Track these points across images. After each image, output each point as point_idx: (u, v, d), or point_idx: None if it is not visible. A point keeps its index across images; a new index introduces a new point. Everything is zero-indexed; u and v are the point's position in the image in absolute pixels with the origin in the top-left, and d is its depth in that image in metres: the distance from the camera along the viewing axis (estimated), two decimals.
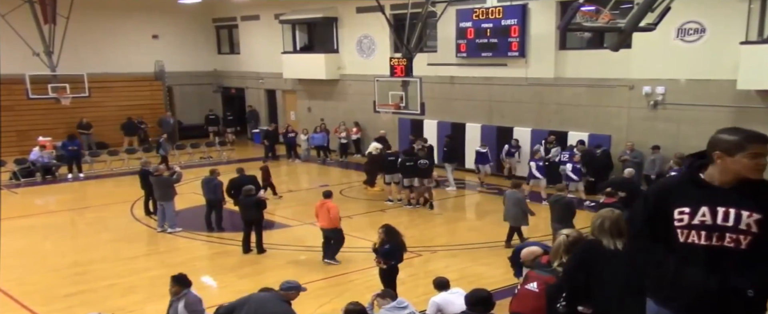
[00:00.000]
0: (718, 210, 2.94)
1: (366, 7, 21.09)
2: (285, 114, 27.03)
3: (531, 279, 4.92)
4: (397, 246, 9.55)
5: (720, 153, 2.94)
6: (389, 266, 9.43)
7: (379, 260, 9.51)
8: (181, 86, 28.46)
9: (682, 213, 3.01)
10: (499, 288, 9.36)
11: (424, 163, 15.80)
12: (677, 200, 3.03)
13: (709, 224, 2.95)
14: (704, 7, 14.76)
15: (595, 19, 11.26)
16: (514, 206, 12.32)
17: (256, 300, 7.15)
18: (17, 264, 11.88)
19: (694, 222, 2.98)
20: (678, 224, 3.02)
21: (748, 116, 14.55)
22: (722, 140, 2.96)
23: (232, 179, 14.09)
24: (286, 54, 25.01)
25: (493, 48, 18.58)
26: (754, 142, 2.90)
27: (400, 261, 9.61)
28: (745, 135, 2.93)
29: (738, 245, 2.93)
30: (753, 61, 13.81)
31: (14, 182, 19.74)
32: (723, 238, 2.94)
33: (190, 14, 27.48)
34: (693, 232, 2.99)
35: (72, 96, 21.79)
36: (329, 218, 11.46)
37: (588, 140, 16.93)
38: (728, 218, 2.92)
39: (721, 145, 2.95)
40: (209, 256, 12.83)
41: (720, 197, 2.95)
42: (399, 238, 9.60)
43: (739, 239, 2.92)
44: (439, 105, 20.15)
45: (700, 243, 2.97)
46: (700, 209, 2.97)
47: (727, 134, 2.97)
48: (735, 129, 2.99)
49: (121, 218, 15.41)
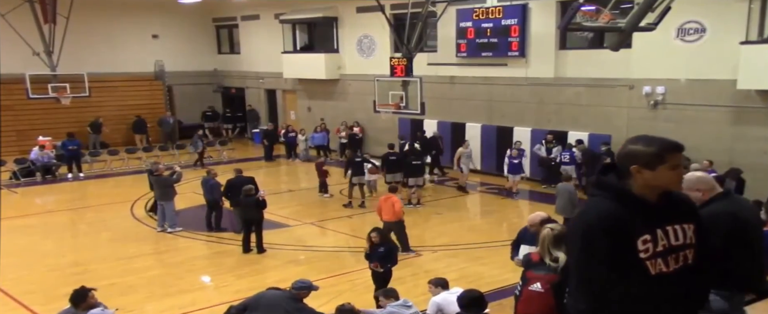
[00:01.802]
0: (668, 229, 2.68)
1: (366, 7, 21.08)
2: (285, 114, 27.03)
3: (532, 280, 4.88)
4: (392, 248, 9.49)
5: (638, 167, 2.64)
6: (386, 269, 9.36)
7: (376, 264, 9.40)
8: (181, 86, 28.45)
9: (646, 242, 2.63)
10: (498, 288, 9.38)
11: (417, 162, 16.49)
12: (635, 229, 2.63)
13: (669, 247, 2.67)
14: (704, 7, 14.75)
15: (595, 19, 11.25)
16: (562, 197, 12.57)
17: (268, 299, 7.16)
18: (17, 264, 11.88)
19: (658, 249, 2.65)
20: (644, 256, 2.62)
21: (748, 116, 14.58)
22: (640, 152, 2.65)
23: (230, 180, 13.90)
24: (286, 54, 25.02)
25: (493, 48, 18.58)
26: (672, 152, 2.66)
27: (396, 263, 9.56)
28: (662, 146, 2.65)
29: (686, 262, 2.74)
30: (753, 61, 13.81)
31: (14, 181, 19.74)
32: (687, 258, 2.73)
33: (190, 14, 27.47)
34: (659, 260, 2.65)
35: (72, 96, 21.81)
36: (394, 211, 11.80)
37: (588, 139, 16.94)
38: (678, 235, 2.71)
39: (639, 159, 2.64)
40: (209, 256, 12.84)
41: (663, 216, 2.70)
42: (392, 240, 9.55)
43: (687, 255, 2.74)
44: (439, 105, 20.15)
45: (668, 270, 2.67)
46: (656, 233, 2.65)
47: (642, 145, 2.67)
48: (648, 139, 2.70)
49: (121, 218, 15.41)
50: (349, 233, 13.96)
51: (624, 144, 2.76)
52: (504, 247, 11.98)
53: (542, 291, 4.68)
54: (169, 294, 10.48)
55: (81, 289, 7.10)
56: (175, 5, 25.58)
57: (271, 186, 18.94)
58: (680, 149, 2.70)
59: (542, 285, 4.68)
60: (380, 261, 9.35)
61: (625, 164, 2.68)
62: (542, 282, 4.71)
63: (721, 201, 3.87)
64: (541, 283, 4.72)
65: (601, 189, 2.74)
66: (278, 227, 14.26)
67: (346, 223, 14.80)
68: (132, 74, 26.33)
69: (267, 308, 7.02)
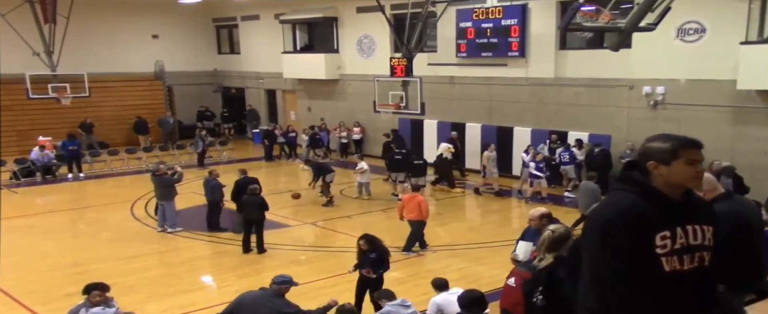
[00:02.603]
0: (688, 228, 2.69)
1: (366, 7, 21.09)
2: (285, 114, 27.04)
3: (511, 275, 5.02)
4: (383, 254, 9.25)
5: (654, 163, 2.68)
6: (378, 275, 9.14)
7: (368, 269, 9.17)
8: (181, 86, 28.45)
9: (664, 238, 2.62)
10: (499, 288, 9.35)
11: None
12: (656, 225, 2.62)
13: (687, 245, 2.67)
14: (704, 7, 14.76)
15: (595, 19, 11.27)
16: (586, 196, 12.55)
17: (251, 299, 7.12)
18: (17, 264, 11.89)
19: (676, 247, 2.65)
20: (661, 251, 2.62)
21: (748, 116, 14.58)
22: (654, 148, 2.71)
23: (238, 181, 13.72)
24: (286, 54, 25.02)
25: (493, 48, 18.58)
26: (687, 147, 2.67)
27: (388, 268, 9.34)
28: (678, 141, 2.69)
29: (702, 263, 2.74)
30: (753, 62, 13.81)
31: (14, 181, 19.74)
32: (703, 260, 2.73)
33: (190, 14, 27.48)
34: (675, 258, 2.65)
35: (72, 96, 21.82)
36: (420, 211, 12.05)
37: (588, 139, 16.95)
38: (697, 235, 2.70)
39: (653, 154, 2.69)
40: (209, 256, 12.84)
41: (684, 214, 2.70)
42: (382, 245, 9.29)
43: (703, 257, 2.73)
44: (439, 105, 20.16)
45: (683, 269, 2.66)
46: (676, 230, 2.65)
47: (658, 141, 2.72)
48: (665, 136, 2.74)
49: (121, 218, 15.41)
50: (349, 234, 13.95)
51: (645, 141, 2.80)
52: (504, 247, 12.00)
53: (514, 286, 4.77)
54: (170, 294, 10.48)
55: (98, 284, 7.14)
56: (175, 5, 25.59)
57: (270, 186, 18.98)
58: (697, 145, 2.71)
59: (516, 280, 4.77)
60: (372, 266, 9.14)
61: (643, 160, 2.72)
62: (517, 277, 4.79)
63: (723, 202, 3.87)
64: (515, 278, 4.81)
65: (625, 183, 2.76)
66: (278, 227, 14.27)
67: (347, 223, 14.80)
68: (132, 74, 26.34)
69: (250, 308, 6.95)
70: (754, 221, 3.93)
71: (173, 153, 23.07)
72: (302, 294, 9.00)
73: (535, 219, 6.81)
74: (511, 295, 4.81)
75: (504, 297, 5.06)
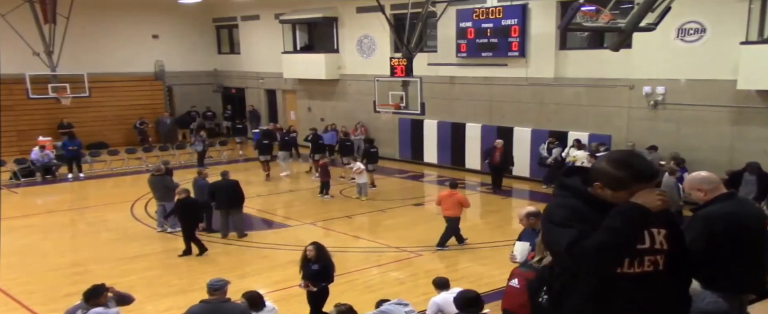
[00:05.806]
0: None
1: (366, 7, 21.09)
2: (285, 114, 27.04)
3: (513, 276, 5.01)
4: (327, 266, 8.72)
5: (600, 185, 2.61)
6: (319, 288, 8.62)
7: (307, 283, 8.55)
8: (181, 86, 28.46)
9: None
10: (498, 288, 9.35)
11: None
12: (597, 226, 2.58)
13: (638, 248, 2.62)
14: (704, 7, 14.76)
15: (596, 19, 11.26)
16: None
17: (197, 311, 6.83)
18: (17, 264, 11.89)
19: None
20: None
21: (748, 116, 14.58)
22: (605, 172, 2.59)
23: (215, 183, 13.62)
24: (287, 54, 25.02)
25: (494, 48, 18.58)
26: (641, 183, 2.54)
27: (331, 281, 8.82)
28: (632, 173, 2.54)
29: (657, 266, 2.67)
30: (753, 61, 13.82)
31: (14, 182, 19.73)
32: (656, 263, 2.67)
33: (190, 14, 27.47)
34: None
35: (72, 96, 21.79)
36: (460, 208, 12.32)
37: (588, 139, 16.93)
38: (644, 239, 2.63)
39: (602, 178, 2.59)
40: (209, 256, 12.81)
41: None
42: (329, 256, 8.82)
43: (656, 260, 2.66)
44: (439, 105, 20.16)
45: (631, 272, 2.62)
46: None
47: (613, 167, 2.57)
48: (623, 162, 2.59)
49: (121, 218, 15.40)
50: (349, 234, 13.96)
51: (601, 158, 2.72)
52: (504, 247, 11.99)
53: (518, 287, 4.77)
54: (170, 294, 10.47)
55: (99, 286, 7.11)
56: (175, 5, 25.59)
57: (270, 186, 19.00)
58: (652, 178, 2.58)
59: (519, 281, 4.78)
60: (311, 279, 8.54)
61: (593, 176, 2.65)
62: (520, 278, 4.79)
63: (721, 202, 3.84)
64: (518, 279, 4.81)
65: (563, 190, 2.73)
66: (278, 227, 14.26)
67: (347, 223, 14.79)
68: (132, 74, 26.33)
69: None
70: (749, 222, 3.86)
71: (173, 153, 23.05)
72: (302, 294, 9.01)
73: (523, 218, 6.80)
74: (515, 296, 4.80)
75: (506, 298, 5.06)
